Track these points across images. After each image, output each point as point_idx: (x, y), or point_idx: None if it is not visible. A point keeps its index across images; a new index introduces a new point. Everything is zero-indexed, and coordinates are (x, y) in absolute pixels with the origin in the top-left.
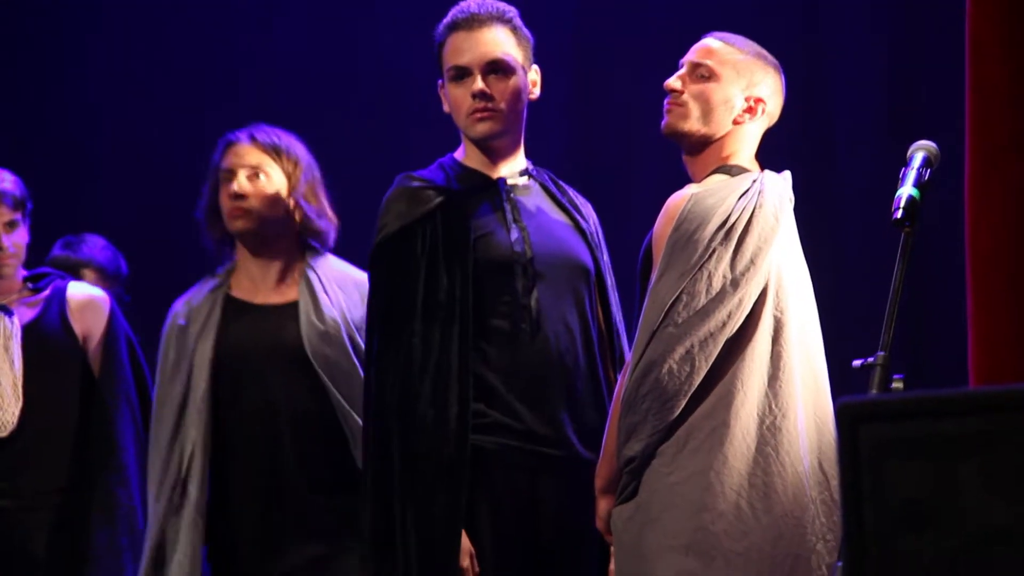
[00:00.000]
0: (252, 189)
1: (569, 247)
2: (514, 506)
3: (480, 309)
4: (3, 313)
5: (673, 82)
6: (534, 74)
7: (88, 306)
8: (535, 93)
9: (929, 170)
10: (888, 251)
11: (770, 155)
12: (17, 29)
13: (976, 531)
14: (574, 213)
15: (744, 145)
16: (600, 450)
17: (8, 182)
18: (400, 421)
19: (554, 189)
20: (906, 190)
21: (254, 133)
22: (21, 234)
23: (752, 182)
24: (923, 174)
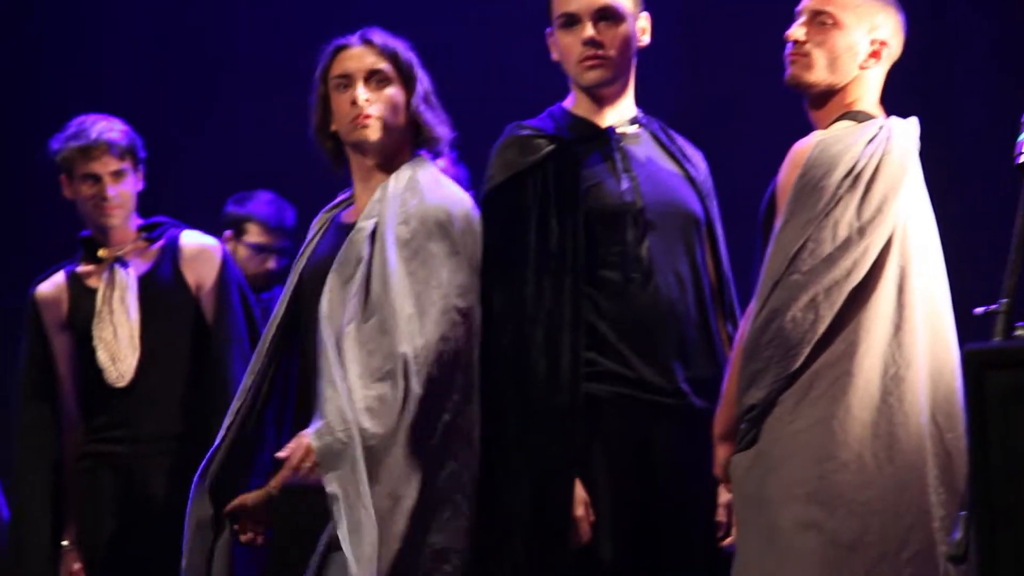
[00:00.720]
0: (375, 95)
1: (679, 197)
2: (628, 454)
3: (591, 259)
4: (118, 264)
5: (796, 32)
6: (643, 21)
7: (200, 255)
8: (644, 40)
9: None
10: (1010, 196)
11: (886, 97)
12: None
13: None
14: (684, 162)
15: (869, 90)
16: (713, 398)
17: (115, 131)
18: (513, 370)
19: (664, 138)
20: None
21: (370, 35)
22: (129, 184)
23: (879, 128)
24: None
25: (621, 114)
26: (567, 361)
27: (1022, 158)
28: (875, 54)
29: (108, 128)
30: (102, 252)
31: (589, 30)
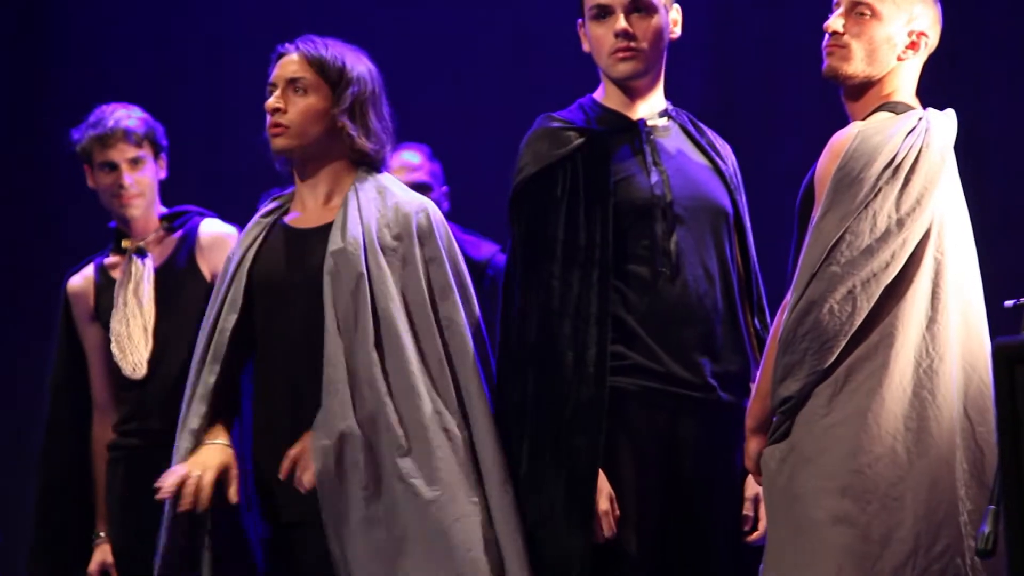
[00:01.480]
0: (291, 104)
1: (708, 190)
2: (655, 447)
3: (619, 252)
4: (136, 255)
5: (834, 23)
6: (675, 13)
7: (216, 244)
8: (676, 32)
9: None
10: None
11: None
12: None
13: None
14: (713, 155)
15: (906, 81)
16: (740, 393)
17: (132, 119)
18: (540, 363)
19: (693, 130)
20: None
21: (301, 43)
22: (148, 172)
23: (918, 119)
24: None
25: (651, 107)
26: (594, 355)
27: None
28: (913, 45)
29: (125, 116)
30: (125, 243)
31: (622, 22)
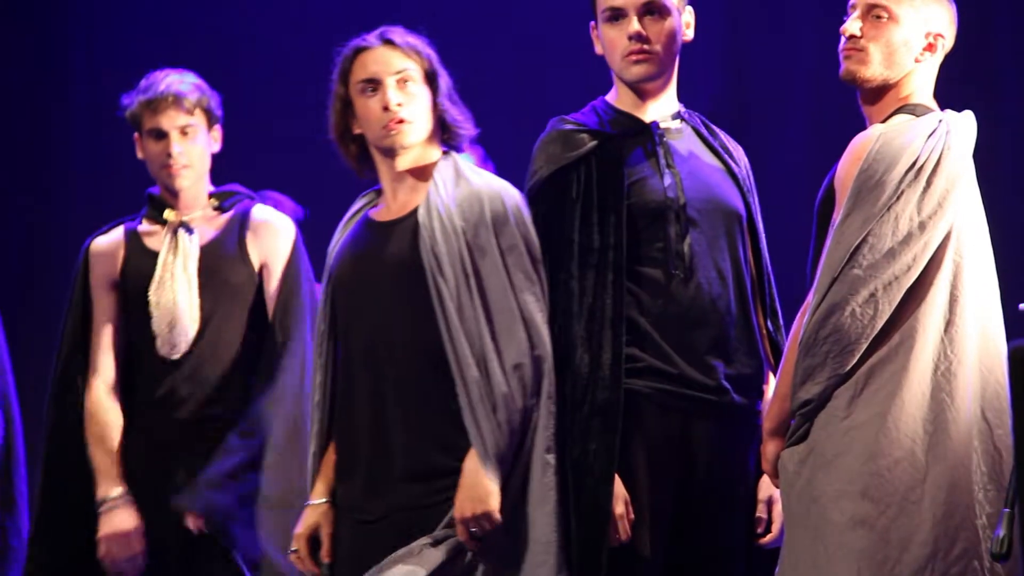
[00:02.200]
0: (405, 98)
1: (721, 192)
2: (668, 449)
3: (633, 255)
4: (184, 230)
5: (851, 26)
6: (688, 15)
7: (268, 231)
8: (689, 34)
9: None
10: None
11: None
12: None
13: None
14: (726, 157)
15: (924, 83)
16: (753, 395)
17: (185, 84)
18: (554, 365)
19: (706, 133)
20: None
21: (387, 35)
22: (199, 141)
23: (939, 122)
24: None
25: (664, 109)
26: (608, 357)
27: None
28: (930, 47)
29: (178, 80)
30: (168, 214)
31: (635, 24)
